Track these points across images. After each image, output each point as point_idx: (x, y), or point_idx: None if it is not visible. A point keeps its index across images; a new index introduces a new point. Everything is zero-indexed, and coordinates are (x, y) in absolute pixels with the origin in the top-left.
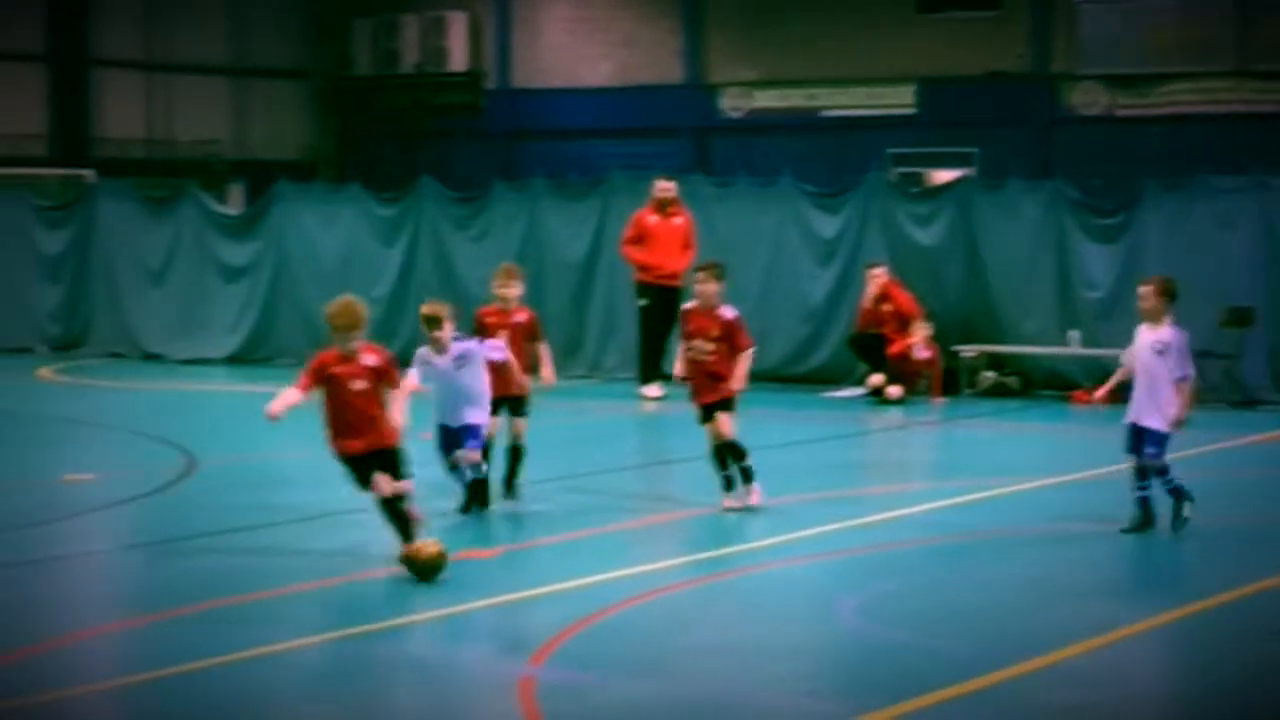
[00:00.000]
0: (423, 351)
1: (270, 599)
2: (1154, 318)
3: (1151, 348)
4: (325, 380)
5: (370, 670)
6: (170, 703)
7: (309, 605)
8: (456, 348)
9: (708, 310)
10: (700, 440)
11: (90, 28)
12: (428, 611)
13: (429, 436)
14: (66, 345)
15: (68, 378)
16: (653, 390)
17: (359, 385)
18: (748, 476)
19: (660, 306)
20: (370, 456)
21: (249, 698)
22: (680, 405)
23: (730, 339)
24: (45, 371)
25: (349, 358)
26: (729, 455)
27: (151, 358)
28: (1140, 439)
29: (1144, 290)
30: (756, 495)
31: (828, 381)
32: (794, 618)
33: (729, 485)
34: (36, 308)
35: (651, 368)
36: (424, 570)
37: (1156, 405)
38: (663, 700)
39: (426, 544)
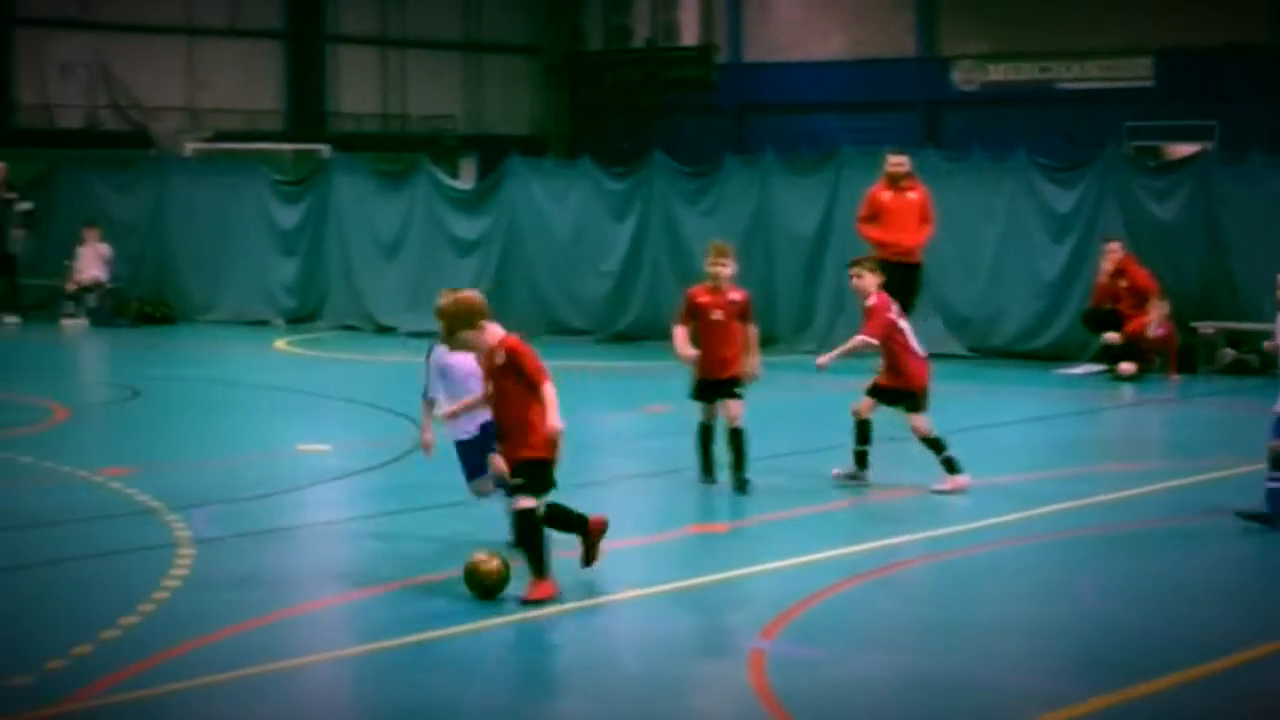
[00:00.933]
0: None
1: None
2: None
3: None
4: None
5: (602, 642)
6: (401, 673)
7: None
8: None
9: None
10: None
11: (327, 5)
12: (657, 585)
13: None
14: (302, 318)
15: (303, 350)
16: None
17: (503, 388)
18: (949, 466)
19: (898, 282)
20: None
21: (479, 668)
22: None
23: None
24: (281, 343)
25: (488, 358)
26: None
27: (384, 330)
28: None
29: None
30: (951, 483)
31: (1061, 358)
32: (1028, 596)
33: (950, 467)
34: (273, 281)
35: None
36: (486, 588)
37: None
38: (895, 675)
39: (491, 558)
